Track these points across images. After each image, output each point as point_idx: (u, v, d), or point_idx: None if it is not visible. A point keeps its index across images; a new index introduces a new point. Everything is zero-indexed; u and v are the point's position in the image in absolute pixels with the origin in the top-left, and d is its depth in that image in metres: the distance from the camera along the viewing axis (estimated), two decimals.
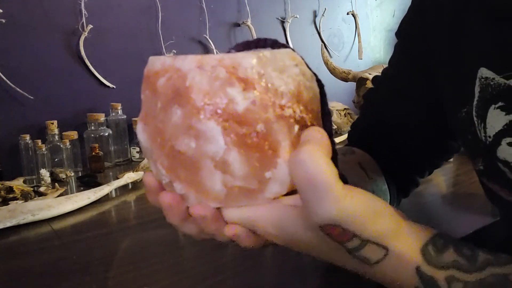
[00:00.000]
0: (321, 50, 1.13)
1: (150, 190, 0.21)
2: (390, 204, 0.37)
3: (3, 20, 0.73)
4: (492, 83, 0.26)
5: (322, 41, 1.22)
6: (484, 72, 0.26)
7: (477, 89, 0.27)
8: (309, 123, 0.19)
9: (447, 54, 0.30)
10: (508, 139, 0.25)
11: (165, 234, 0.44)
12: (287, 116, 0.18)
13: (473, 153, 0.28)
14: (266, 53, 0.18)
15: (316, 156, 0.17)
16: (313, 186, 0.17)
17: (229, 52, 0.22)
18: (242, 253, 0.37)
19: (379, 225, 0.18)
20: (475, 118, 0.27)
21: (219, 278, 0.33)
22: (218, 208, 0.20)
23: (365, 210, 0.18)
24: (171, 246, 0.41)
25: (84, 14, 0.81)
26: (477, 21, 0.27)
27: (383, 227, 0.19)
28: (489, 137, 0.26)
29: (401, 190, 0.38)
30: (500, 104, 0.25)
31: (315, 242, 0.19)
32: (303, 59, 0.20)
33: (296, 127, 0.18)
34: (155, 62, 0.19)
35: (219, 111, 0.17)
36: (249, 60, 0.18)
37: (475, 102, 0.27)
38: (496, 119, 0.25)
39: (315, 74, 0.20)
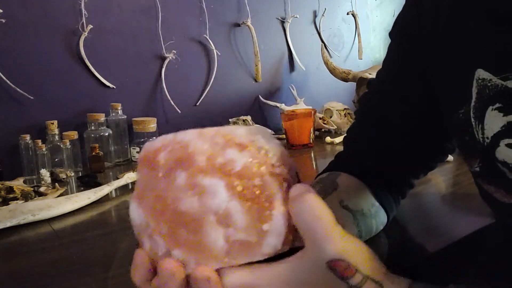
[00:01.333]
0: (321, 50, 1.14)
1: (140, 267, 0.21)
2: (391, 212, 0.37)
3: (3, 20, 0.74)
4: (489, 84, 0.26)
5: (322, 41, 1.22)
6: (481, 73, 0.26)
7: (474, 91, 0.27)
8: (292, 184, 0.22)
9: (443, 55, 0.30)
10: (507, 140, 0.25)
11: None
12: (277, 173, 0.21)
13: (469, 154, 0.28)
14: (252, 126, 0.21)
15: (319, 201, 0.19)
16: (320, 226, 0.19)
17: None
18: None
19: (375, 264, 0.20)
20: (472, 120, 0.27)
21: None
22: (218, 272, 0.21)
23: (364, 249, 0.20)
24: None
25: (84, 14, 0.81)
26: (475, 23, 0.27)
27: (379, 266, 0.20)
28: (487, 138, 0.26)
29: (397, 193, 0.38)
30: (497, 105, 0.25)
31: (320, 281, 0.20)
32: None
33: (285, 185, 0.21)
34: (153, 142, 0.22)
35: (221, 168, 0.20)
36: (242, 130, 0.21)
37: (472, 104, 0.27)
38: (493, 121, 0.25)
39: None
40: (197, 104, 0.99)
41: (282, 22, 1.14)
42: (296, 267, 0.20)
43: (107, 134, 0.80)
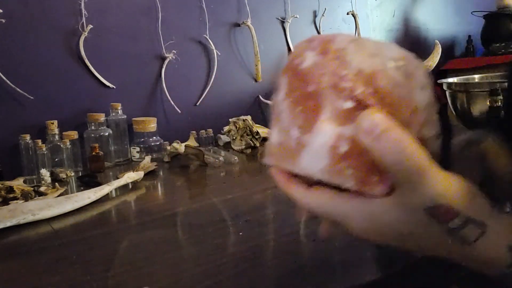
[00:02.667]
0: None
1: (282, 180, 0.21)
2: None
3: (3, 20, 0.73)
4: None
5: None
6: None
7: None
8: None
9: None
10: None
11: (165, 234, 0.44)
12: (341, 88, 0.18)
13: None
14: (368, 39, 0.20)
15: (407, 136, 0.16)
16: (415, 166, 0.16)
17: None
18: (242, 253, 0.37)
19: (478, 204, 0.18)
20: None
21: (219, 278, 0.33)
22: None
23: (465, 189, 0.18)
24: (171, 245, 0.41)
25: (84, 14, 0.81)
26: None
27: (482, 204, 0.18)
28: None
29: None
30: None
31: (412, 227, 0.18)
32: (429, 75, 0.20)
33: (348, 103, 0.18)
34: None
35: (292, 68, 0.20)
36: (345, 37, 0.20)
37: None
38: None
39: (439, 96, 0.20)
40: (197, 104, 0.98)
41: (282, 22, 1.14)
42: (390, 207, 0.18)
43: (107, 134, 0.80)
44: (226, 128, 0.91)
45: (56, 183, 0.65)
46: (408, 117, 0.18)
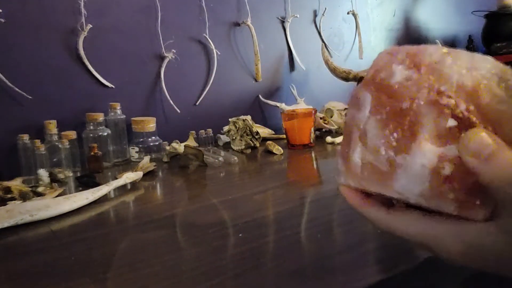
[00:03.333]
0: (322, 49, 1.13)
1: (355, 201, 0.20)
2: None
3: (2, 20, 0.73)
4: None
5: (323, 41, 1.22)
6: None
7: None
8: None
9: None
10: None
11: (164, 235, 0.44)
12: (442, 104, 0.17)
13: None
14: (461, 51, 0.18)
15: None
16: None
17: None
18: (242, 255, 0.37)
19: None
20: None
21: (219, 279, 0.33)
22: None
23: None
24: (171, 247, 0.41)
25: (84, 13, 0.81)
26: None
27: None
28: None
29: None
30: None
31: None
32: None
33: (451, 121, 0.16)
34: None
35: (378, 82, 0.18)
36: (434, 49, 0.18)
37: None
38: None
39: None
40: (197, 103, 0.98)
41: (282, 22, 1.14)
42: (493, 232, 0.16)
43: (105, 134, 0.79)
44: (225, 128, 0.91)
45: (55, 184, 0.65)
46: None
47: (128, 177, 0.62)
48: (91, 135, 0.78)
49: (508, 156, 0.15)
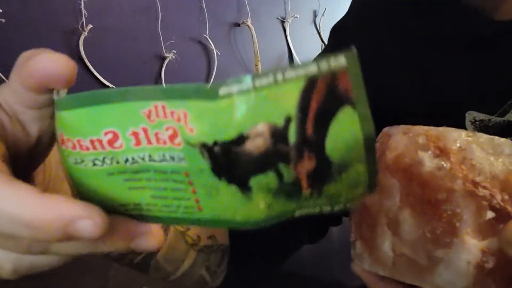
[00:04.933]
0: (322, 50, 1.14)
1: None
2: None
3: (3, 20, 0.73)
4: (490, 124, 0.26)
5: (323, 41, 1.22)
6: (476, 115, 0.26)
7: (471, 129, 0.26)
8: None
9: (424, 105, 0.28)
10: None
11: None
12: (479, 195, 0.16)
13: None
14: (480, 134, 0.17)
15: None
16: None
17: None
18: None
19: None
20: None
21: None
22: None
23: None
24: None
25: (84, 14, 0.81)
26: (442, 55, 0.26)
27: None
28: None
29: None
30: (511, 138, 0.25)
31: None
32: None
33: (490, 214, 0.16)
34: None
35: (405, 169, 0.17)
36: (456, 134, 0.17)
37: None
38: None
39: None
40: None
41: (282, 22, 1.14)
42: None
43: None
44: None
45: None
46: None
47: None
48: None
49: None
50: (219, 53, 1.00)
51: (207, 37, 0.98)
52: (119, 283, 0.33)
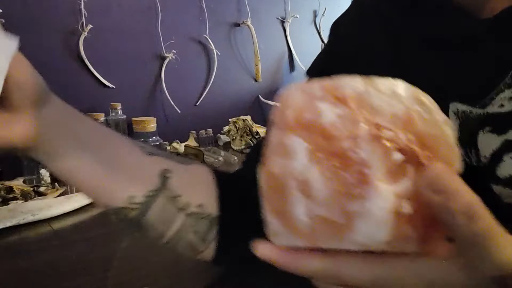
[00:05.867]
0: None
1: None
2: None
3: (3, 20, 0.73)
4: (471, 115, 0.26)
5: (322, 41, 1.22)
6: (458, 106, 0.26)
7: (454, 123, 0.26)
8: (425, 161, 0.16)
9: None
10: None
11: None
12: (384, 138, 0.15)
13: None
14: (375, 78, 0.17)
15: (477, 200, 0.15)
16: (483, 233, 0.15)
17: None
18: None
19: None
20: (461, 148, 0.26)
21: (219, 278, 0.33)
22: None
23: None
24: None
25: (84, 14, 0.81)
26: (430, 57, 0.27)
27: None
28: (485, 157, 0.25)
29: None
30: (488, 128, 0.25)
31: None
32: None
33: (398, 155, 0.15)
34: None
35: (306, 125, 0.16)
36: (351, 81, 0.17)
37: (457, 134, 0.27)
38: (488, 142, 0.25)
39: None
40: (197, 103, 0.98)
41: (282, 22, 1.14)
42: (454, 271, 0.16)
43: None
44: (226, 128, 0.91)
45: (56, 183, 0.65)
46: (447, 157, 0.17)
47: None
48: None
49: (468, 195, 0.15)
50: (219, 53, 1.00)
51: (207, 37, 0.98)
52: (119, 284, 0.33)
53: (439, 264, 0.16)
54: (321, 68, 0.34)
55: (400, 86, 0.17)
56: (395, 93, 0.16)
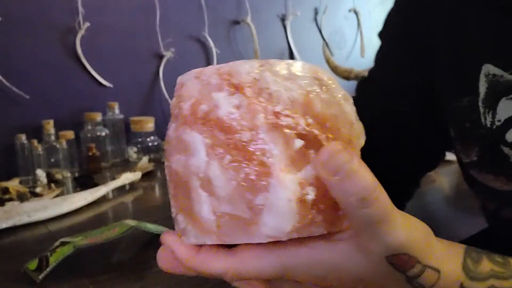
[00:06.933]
0: (323, 48, 1.12)
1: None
2: None
3: (0, 18, 0.72)
4: (501, 80, 0.26)
5: (324, 39, 1.21)
6: (491, 69, 0.27)
7: (483, 84, 0.27)
8: (325, 144, 0.15)
9: (446, 47, 0.30)
10: None
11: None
12: (283, 125, 0.15)
13: (467, 144, 0.29)
14: (274, 60, 0.16)
15: (369, 173, 0.15)
16: (377, 209, 0.15)
17: None
18: None
19: (434, 249, 0.18)
20: (481, 108, 0.27)
21: (220, 280, 0.32)
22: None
23: (424, 235, 0.17)
24: None
25: (81, 11, 0.80)
26: (478, 16, 0.27)
27: (436, 251, 0.18)
28: (499, 121, 0.26)
29: (403, 194, 0.37)
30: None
31: (373, 275, 0.17)
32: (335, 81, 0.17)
33: (298, 142, 0.15)
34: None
35: (203, 118, 0.15)
36: (248, 66, 0.16)
37: (482, 96, 0.27)
38: (508, 107, 0.26)
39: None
40: None
41: (283, 20, 1.13)
42: (351, 252, 0.16)
43: (104, 134, 0.79)
44: None
45: (52, 184, 0.64)
46: (349, 135, 0.16)
47: (126, 177, 0.62)
48: (89, 135, 0.77)
49: (363, 176, 0.15)
50: (218, 51, 0.99)
51: (206, 35, 0.97)
52: (116, 285, 0.33)
53: (339, 247, 0.17)
54: (394, 28, 0.35)
55: (297, 66, 0.16)
56: (292, 75, 0.16)
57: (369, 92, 0.38)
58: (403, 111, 0.34)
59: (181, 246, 0.17)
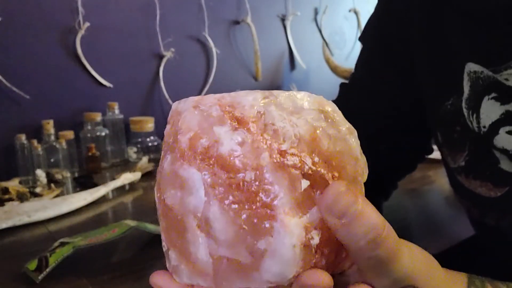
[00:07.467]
0: (323, 48, 1.12)
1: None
2: None
3: (0, 18, 0.72)
4: (481, 76, 0.27)
5: (323, 39, 1.21)
6: (472, 66, 0.27)
7: (466, 83, 0.27)
8: (331, 183, 0.15)
9: (425, 52, 0.30)
10: (508, 128, 0.25)
11: None
12: (289, 165, 0.14)
13: (455, 148, 0.29)
14: (278, 92, 0.15)
15: (373, 209, 0.14)
16: (386, 255, 0.14)
17: None
18: None
19: (437, 279, 0.18)
20: (465, 110, 0.27)
21: None
22: None
23: (426, 265, 0.17)
24: None
25: (81, 11, 0.80)
26: (455, 23, 0.28)
27: (440, 280, 0.18)
28: (484, 127, 0.26)
29: (380, 195, 0.38)
30: (493, 95, 0.26)
31: None
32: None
33: (304, 183, 0.14)
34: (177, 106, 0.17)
35: (202, 154, 0.14)
36: (251, 97, 0.14)
37: (465, 95, 0.27)
38: (491, 109, 0.26)
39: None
40: None
41: (283, 20, 1.13)
42: None
43: (103, 134, 0.79)
44: None
45: (52, 184, 0.64)
46: (354, 172, 0.16)
47: (126, 178, 0.62)
48: (89, 135, 0.77)
49: (371, 218, 0.14)
50: (218, 51, 0.99)
51: (206, 35, 0.97)
52: (116, 286, 0.33)
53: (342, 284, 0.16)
54: (374, 33, 0.36)
55: (303, 98, 0.15)
56: (297, 108, 0.15)
57: (350, 96, 0.38)
58: (382, 115, 0.35)
59: (173, 287, 0.16)
